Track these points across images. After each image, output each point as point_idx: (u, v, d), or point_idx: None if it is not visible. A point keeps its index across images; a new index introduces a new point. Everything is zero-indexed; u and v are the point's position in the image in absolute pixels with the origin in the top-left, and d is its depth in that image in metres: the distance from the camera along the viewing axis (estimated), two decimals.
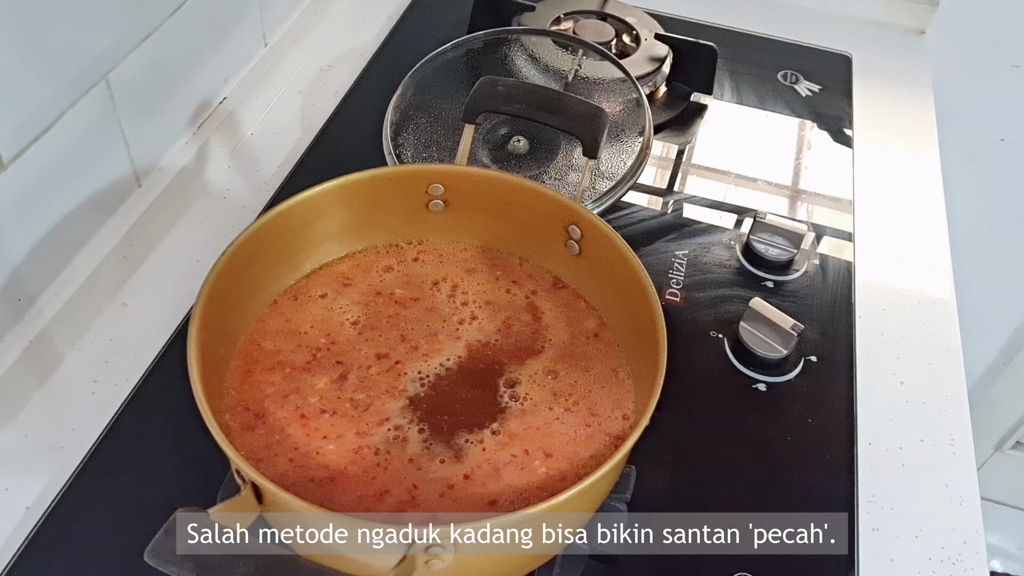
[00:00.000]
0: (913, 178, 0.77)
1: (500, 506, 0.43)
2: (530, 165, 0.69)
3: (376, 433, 0.46)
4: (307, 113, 0.77)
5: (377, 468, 0.44)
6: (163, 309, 0.60)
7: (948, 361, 0.63)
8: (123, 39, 0.61)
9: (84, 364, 0.57)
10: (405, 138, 0.69)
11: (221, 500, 0.46)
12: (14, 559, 0.48)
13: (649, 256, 0.67)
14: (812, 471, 0.55)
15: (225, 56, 0.75)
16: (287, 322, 0.51)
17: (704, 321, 0.63)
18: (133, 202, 0.67)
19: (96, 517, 0.50)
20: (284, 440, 0.45)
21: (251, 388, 0.47)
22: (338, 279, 0.54)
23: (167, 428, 0.54)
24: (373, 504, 0.43)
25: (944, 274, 0.69)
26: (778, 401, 0.59)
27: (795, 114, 0.82)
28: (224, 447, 0.38)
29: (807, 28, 0.92)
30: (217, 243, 0.48)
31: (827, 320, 0.64)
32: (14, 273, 0.57)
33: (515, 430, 0.46)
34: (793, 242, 0.66)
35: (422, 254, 0.56)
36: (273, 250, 0.50)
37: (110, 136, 0.63)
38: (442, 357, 0.50)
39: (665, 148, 0.78)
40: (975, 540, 0.53)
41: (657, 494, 0.53)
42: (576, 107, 0.55)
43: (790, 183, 0.76)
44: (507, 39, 0.77)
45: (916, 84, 0.88)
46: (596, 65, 0.75)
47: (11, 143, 0.53)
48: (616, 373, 0.50)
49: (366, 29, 0.88)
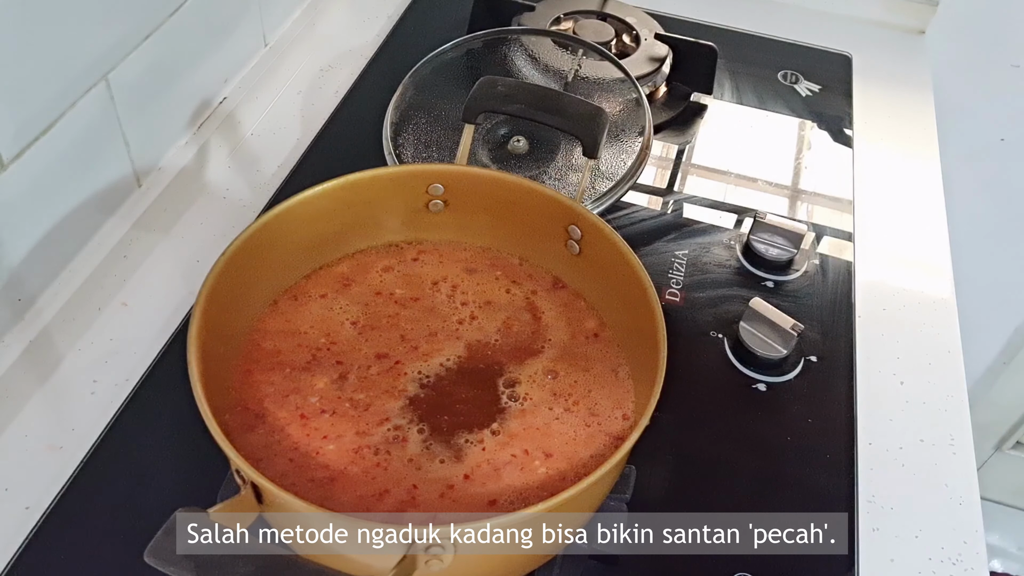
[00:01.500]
0: (913, 178, 0.77)
1: (500, 506, 0.43)
2: (530, 165, 0.69)
3: (376, 433, 0.46)
4: (307, 113, 0.77)
5: (377, 468, 0.44)
6: (163, 309, 0.60)
7: (948, 361, 0.63)
8: (123, 39, 0.61)
9: (84, 364, 0.57)
10: (405, 138, 0.69)
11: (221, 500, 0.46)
12: (14, 559, 0.48)
13: (649, 256, 0.67)
14: (812, 471, 0.55)
15: (225, 56, 0.75)
16: (287, 322, 0.51)
17: (704, 321, 0.63)
18: (133, 202, 0.67)
19: (96, 517, 0.50)
20: (284, 440, 0.45)
21: (251, 388, 0.47)
22: (338, 279, 0.54)
23: (167, 428, 0.54)
24: (373, 504, 0.43)
25: (944, 274, 0.69)
26: (778, 401, 0.59)
27: (795, 114, 0.82)
28: (224, 447, 0.38)
29: (807, 28, 0.92)
30: (217, 243, 0.48)
31: (827, 320, 0.64)
32: (14, 273, 0.57)
33: (515, 430, 0.46)
34: (793, 242, 0.66)
35: (422, 254, 0.56)
36: (273, 250, 0.50)
37: (110, 136, 0.63)
38: (442, 357, 0.50)
39: (665, 148, 0.78)
40: (975, 540, 0.53)
41: (657, 494, 0.53)
42: (576, 107, 0.55)
43: (790, 183, 0.76)
44: (507, 39, 0.77)
45: (916, 84, 0.88)
46: (596, 65, 0.75)
47: (11, 143, 0.53)
48: (616, 373, 0.50)
49: (366, 29, 0.88)
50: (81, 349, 0.58)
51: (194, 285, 0.45)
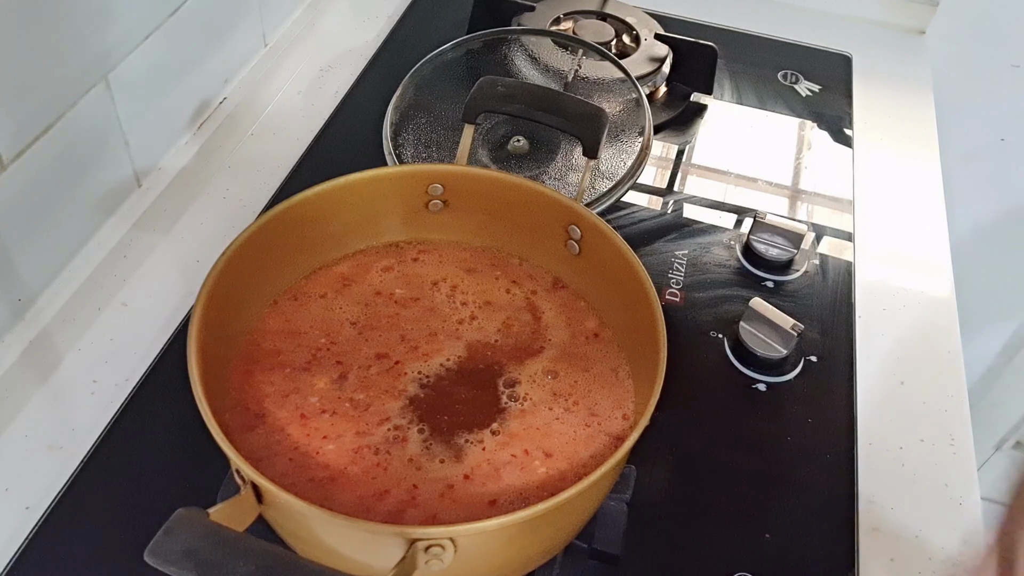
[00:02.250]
0: (913, 178, 0.77)
1: (500, 506, 0.43)
2: (530, 165, 0.69)
3: (376, 433, 0.46)
4: (307, 113, 0.77)
5: (377, 468, 0.44)
6: (163, 309, 0.60)
7: (948, 361, 0.63)
8: (123, 39, 0.61)
9: (84, 364, 0.57)
10: (405, 138, 0.69)
11: (221, 500, 0.46)
12: (14, 559, 0.48)
13: (649, 256, 0.67)
14: (812, 471, 0.55)
15: (225, 56, 0.75)
16: (287, 322, 0.51)
17: (704, 321, 0.63)
18: (133, 202, 0.67)
19: (96, 517, 0.50)
20: (284, 440, 0.45)
21: (251, 388, 0.47)
22: (338, 279, 0.54)
23: (167, 428, 0.54)
24: (373, 504, 0.43)
25: (944, 274, 0.69)
26: (778, 401, 0.59)
27: (795, 114, 0.82)
28: (224, 447, 0.38)
29: (807, 28, 0.92)
30: (217, 243, 0.48)
31: (827, 320, 0.64)
32: (14, 273, 0.57)
33: (515, 430, 0.46)
34: (793, 242, 0.66)
35: (422, 254, 0.56)
36: (273, 250, 0.50)
37: (110, 136, 0.63)
38: (442, 357, 0.50)
39: (665, 148, 0.78)
40: (975, 540, 0.53)
41: (657, 494, 0.53)
42: (576, 107, 0.55)
43: (790, 183, 0.76)
44: (507, 39, 0.77)
45: (916, 84, 0.88)
46: (596, 65, 0.75)
47: (11, 143, 0.53)
48: (616, 373, 0.50)
49: (366, 29, 0.88)
50: (81, 349, 0.58)
51: (194, 285, 0.45)
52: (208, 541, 0.33)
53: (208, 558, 0.33)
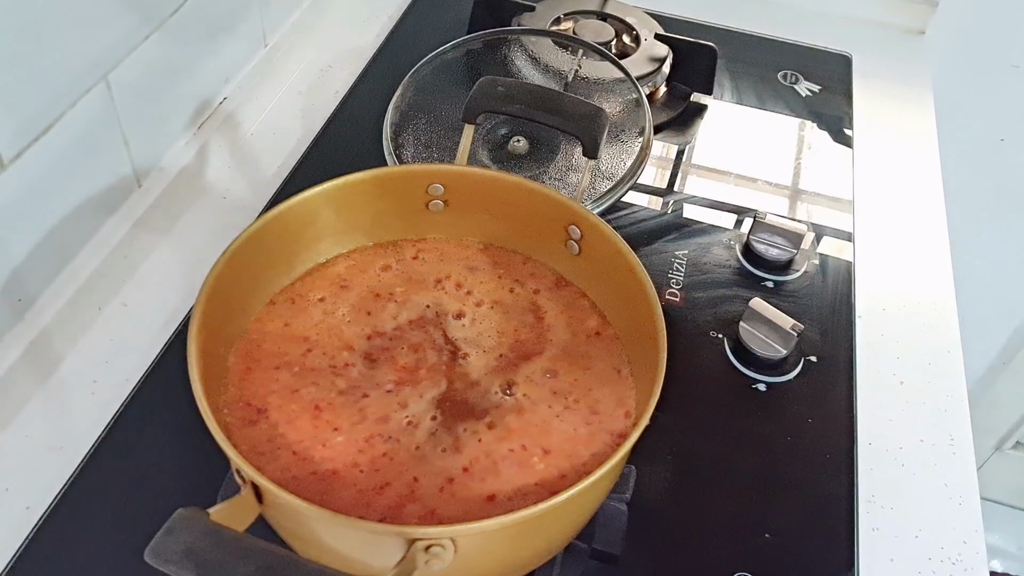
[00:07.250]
0: (913, 178, 0.77)
1: (498, 501, 0.43)
2: (530, 165, 0.69)
3: (376, 429, 0.46)
4: (307, 113, 0.77)
5: (376, 462, 0.44)
6: (163, 309, 0.60)
7: (948, 361, 0.63)
8: (123, 39, 0.61)
9: (84, 364, 0.57)
10: (405, 138, 0.69)
11: (221, 500, 0.46)
12: (14, 559, 0.48)
13: (649, 256, 0.67)
14: (812, 471, 0.55)
15: (225, 56, 0.75)
16: (287, 322, 0.51)
17: (704, 321, 0.63)
18: (133, 202, 0.67)
19: (96, 517, 0.50)
20: (283, 439, 0.45)
21: (251, 388, 0.47)
22: (338, 279, 0.54)
23: (167, 428, 0.54)
24: (373, 498, 0.43)
25: (944, 274, 0.69)
26: (778, 401, 0.59)
27: (795, 114, 0.82)
28: (224, 447, 0.38)
29: (807, 28, 0.92)
30: (217, 243, 0.48)
31: (827, 320, 0.64)
32: (14, 273, 0.57)
33: (514, 426, 0.46)
34: (793, 242, 0.66)
35: (422, 253, 0.56)
36: (273, 250, 0.50)
37: (110, 136, 0.63)
38: (442, 356, 0.50)
39: (665, 148, 0.78)
40: (975, 540, 0.53)
41: (657, 494, 0.53)
42: (576, 107, 0.55)
43: (790, 183, 0.76)
44: (507, 39, 0.77)
45: (916, 84, 0.88)
46: (596, 65, 0.75)
47: (11, 143, 0.53)
48: (618, 372, 0.50)
49: (366, 29, 0.88)
50: (81, 349, 0.58)
51: (194, 285, 0.45)
52: (208, 541, 0.33)
53: (208, 558, 0.33)
